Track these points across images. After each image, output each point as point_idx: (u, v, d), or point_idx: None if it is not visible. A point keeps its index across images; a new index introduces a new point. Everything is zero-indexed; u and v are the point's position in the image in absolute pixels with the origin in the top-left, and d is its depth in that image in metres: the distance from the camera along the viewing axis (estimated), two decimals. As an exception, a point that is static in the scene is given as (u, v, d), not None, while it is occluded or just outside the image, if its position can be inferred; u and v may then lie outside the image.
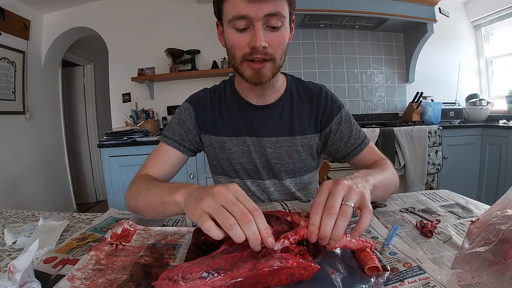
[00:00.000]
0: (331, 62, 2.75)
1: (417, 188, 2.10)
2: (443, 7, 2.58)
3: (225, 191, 0.39)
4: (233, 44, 0.63)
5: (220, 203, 0.38)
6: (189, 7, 2.57)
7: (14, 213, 0.71)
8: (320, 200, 0.40)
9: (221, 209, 0.37)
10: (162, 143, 0.76)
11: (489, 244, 0.34)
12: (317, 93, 0.79)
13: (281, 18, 0.60)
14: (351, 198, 0.40)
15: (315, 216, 0.39)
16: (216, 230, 0.37)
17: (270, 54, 0.62)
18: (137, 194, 0.61)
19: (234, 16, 0.59)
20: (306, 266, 0.33)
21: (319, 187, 0.43)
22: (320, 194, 0.41)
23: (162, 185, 0.57)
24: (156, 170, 0.72)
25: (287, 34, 0.65)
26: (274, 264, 0.33)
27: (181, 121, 0.78)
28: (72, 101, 3.46)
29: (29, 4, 2.43)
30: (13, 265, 0.34)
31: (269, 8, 0.57)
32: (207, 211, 0.38)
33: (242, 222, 0.36)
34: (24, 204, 2.41)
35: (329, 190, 0.41)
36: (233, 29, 0.61)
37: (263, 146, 0.77)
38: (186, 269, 0.33)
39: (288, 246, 0.37)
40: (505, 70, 2.71)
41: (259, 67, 0.63)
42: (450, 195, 0.69)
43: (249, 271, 0.33)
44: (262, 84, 0.66)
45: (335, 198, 0.40)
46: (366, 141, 0.78)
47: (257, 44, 0.59)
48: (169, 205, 0.51)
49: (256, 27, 0.59)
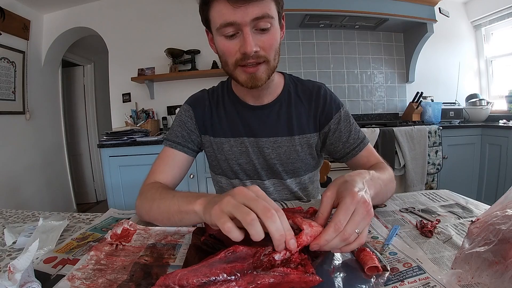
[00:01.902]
0: (331, 62, 2.75)
1: (417, 188, 2.10)
2: (443, 7, 2.58)
3: (245, 190, 0.38)
4: (224, 51, 0.62)
5: (241, 201, 0.36)
6: (189, 7, 2.57)
7: (14, 213, 0.71)
8: (345, 221, 0.37)
9: (241, 206, 0.35)
10: (166, 148, 0.76)
11: (489, 244, 0.34)
12: (316, 92, 0.78)
13: (269, 19, 0.59)
14: (362, 225, 0.38)
15: (332, 235, 0.36)
16: (236, 232, 0.34)
17: (263, 57, 0.61)
18: (151, 203, 0.59)
19: (222, 24, 0.58)
20: (308, 281, 0.32)
21: (345, 197, 0.39)
22: (347, 212, 0.37)
23: (178, 194, 0.56)
24: (165, 175, 0.72)
25: (278, 34, 0.63)
26: (275, 278, 0.32)
27: (182, 123, 0.78)
28: (72, 101, 3.46)
29: (29, 4, 2.43)
30: (13, 265, 0.34)
31: (256, 11, 0.56)
32: (226, 211, 0.36)
33: (266, 216, 0.34)
34: (24, 204, 2.41)
35: (355, 208, 0.38)
36: (222, 36, 0.60)
37: (261, 146, 0.77)
38: (182, 277, 0.32)
39: (289, 258, 0.35)
40: (505, 70, 2.71)
41: (253, 71, 0.62)
42: (450, 195, 0.69)
43: (248, 284, 0.31)
44: (257, 88, 0.65)
45: (357, 225, 0.37)
46: (365, 142, 0.77)
47: (247, 50, 0.58)
48: (186, 214, 0.49)
49: (245, 33, 0.57)
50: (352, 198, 0.38)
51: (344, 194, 0.40)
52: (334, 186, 0.43)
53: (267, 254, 0.34)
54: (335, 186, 0.43)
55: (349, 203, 0.38)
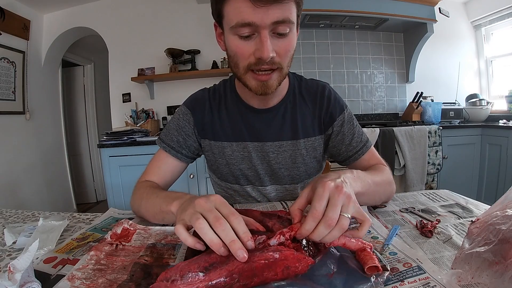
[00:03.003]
0: (331, 62, 2.75)
1: (417, 188, 2.10)
2: (443, 7, 2.58)
3: (203, 201, 0.40)
4: (236, 52, 0.57)
5: (199, 211, 0.39)
6: (189, 7, 2.58)
7: (14, 213, 0.71)
8: (320, 207, 0.39)
9: (196, 215, 0.38)
10: (161, 150, 0.75)
11: (489, 244, 0.34)
12: (320, 92, 0.76)
13: (289, 24, 0.54)
14: (349, 208, 0.40)
15: (311, 223, 0.39)
16: (189, 239, 0.38)
17: (277, 63, 0.57)
18: (140, 202, 0.62)
19: (238, 23, 0.52)
20: (301, 258, 0.35)
21: (317, 188, 0.42)
22: (321, 199, 0.40)
23: (161, 194, 0.58)
24: (157, 177, 0.73)
25: (295, 40, 0.59)
26: (269, 256, 0.34)
27: (179, 127, 0.75)
28: (72, 101, 3.46)
29: (29, 4, 2.43)
30: (13, 265, 0.34)
31: (277, 14, 0.51)
32: (186, 220, 0.40)
33: (214, 226, 0.37)
34: (24, 204, 2.41)
35: (329, 196, 0.40)
36: (235, 36, 0.55)
37: (265, 151, 0.74)
38: (184, 268, 0.33)
39: (283, 242, 0.38)
40: (505, 70, 2.71)
41: (266, 79, 0.58)
42: (450, 195, 0.69)
43: (245, 264, 0.33)
44: (268, 95, 0.62)
45: (336, 208, 0.39)
46: (368, 145, 0.75)
47: (264, 55, 0.53)
48: (167, 214, 0.52)
49: (263, 36, 0.53)
50: (323, 186, 0.41)
51: (317, 185, 0.42)
52: (311, 183, 0.46)
53: (261, 243, 0.37)
54: (312, 183, 0.45)
55: (321, 191, 0.40)
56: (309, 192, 0.44)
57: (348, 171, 0.51)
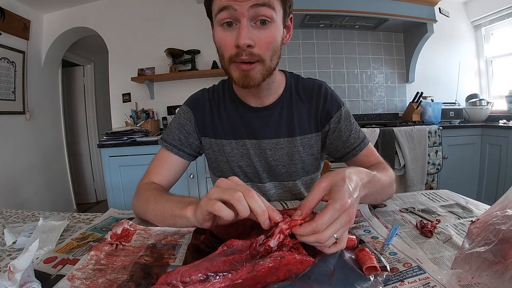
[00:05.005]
0: (331, 62, 2.75)
1: (417, 188, 2.10)
2: (443, 7, 2.57)
3: (227, 180, 0.43)
4: (220, 43, 0.60)
5: (226, 187, 0.41)
6: (189, 7, 2.57)
7: (14, 213, 0.71)
8: (325, 223, 0.37)
9: (227, 189, 0.40)
10: (163, 149, 0.76)
11: (489, 244, 0.34)
12: (316, 90, 0.76)
13: (270, 10, 0.55)
14: (344, 232, 0.39)
15: (307, 231, 0.37)
16: (226, 210, 0.38)
17: (256, 55, 0.58)
18: (146, 205, 0.61)
19: (218, 9, 0.56)
20: (303, 260, 0.35)
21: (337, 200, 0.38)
22: (331, 217, 0.37)
23: (171, 198, 0.58)
24: (160, 177, 0.73)
25: (278, 32, 0.60)
26: (273, 263, 0.34)
27: (181, 125, 0.77)
28: (72, 101, 3.46)
29: (29, 4, 2.43)
30: (13, 265, 0.34)
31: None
32: (214, 197, 0.40)
33: (247, 196, 0.38)
34: (24, 204, 2.41)
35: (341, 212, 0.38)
36: (220, 27, 0.58)
37: (262, 148, 0.75)
38: (184, 273, 0.32)
39: (283, 241, 0.37)
40: (505, 70, 2.71)
41: (247, 69, 0.59)
42: (450, 195, 0.69)
43: (249, 273, 0.33)
44: (250, 87, 0.62)
45: (335, 231, 0.37)
46: (365, 142, 0.76)
47: (240, 41, 0.55)
48: (180, 219, 0.52)
49: (242, 24, 0.55)
50: (342, 206, 0.38)
51: (336, 196, 0.39)
52: (331, 180, 0.41)
53: (262, 244, 0.36)
54: (331, 180, 0.41)
55: (337, 209, 0.37)
56: (325, 190, 0.41)
57: (366, 175, 0.48)
